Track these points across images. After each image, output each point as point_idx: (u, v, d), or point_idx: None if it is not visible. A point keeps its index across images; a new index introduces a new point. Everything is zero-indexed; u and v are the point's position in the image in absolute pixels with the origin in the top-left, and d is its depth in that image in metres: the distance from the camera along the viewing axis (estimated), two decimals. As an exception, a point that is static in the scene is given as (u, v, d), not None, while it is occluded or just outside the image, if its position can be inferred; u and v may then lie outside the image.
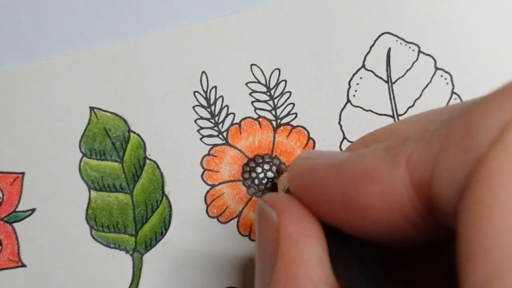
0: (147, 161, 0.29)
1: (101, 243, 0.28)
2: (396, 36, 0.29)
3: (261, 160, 0.29)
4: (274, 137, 0.29)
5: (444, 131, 0.16)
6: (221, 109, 0.29)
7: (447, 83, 0.29)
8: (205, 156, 0.29)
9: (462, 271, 0.14)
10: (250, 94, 0.29)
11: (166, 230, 0.29)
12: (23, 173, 0.29)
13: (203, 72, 0.29)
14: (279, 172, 0.28)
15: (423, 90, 0.29)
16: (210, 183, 0.29)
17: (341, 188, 0.18)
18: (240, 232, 0.29)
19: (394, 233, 0.17)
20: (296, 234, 0.19)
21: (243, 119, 0.29)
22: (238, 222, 0.29)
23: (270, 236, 0.19)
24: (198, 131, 0.29)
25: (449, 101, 0.29)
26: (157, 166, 0.29)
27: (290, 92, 0.29)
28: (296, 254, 0.18)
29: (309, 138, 0.29)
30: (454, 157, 0.15)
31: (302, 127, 0.29)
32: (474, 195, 0.14)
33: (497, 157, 0.14)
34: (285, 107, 0.29)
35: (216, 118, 0.29)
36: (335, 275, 0.18)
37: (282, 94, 0.29)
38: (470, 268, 0.13)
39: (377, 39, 0.29)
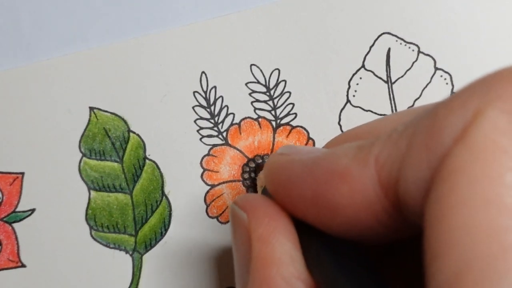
0: (147, 161, 0.29)
1: (101, 243, 0.28)
2: (396, 36, 0.29)
3: (260, 160, 0.29)
4: (273, 137, 0.29)
5: (410, 131, 0.16)
6: (221, 109, 0.29)
7: (446, 83, 0.29)
8: (204, 156, 0.29)
9: (428, 269, 0.14)
10: (249, 94, 0.29)
11: (166, 230, 0.29)
12: (22, 173, 0.29)
13: (203, 72, 0.29)
14: (259, 169, 0.28)
15: (422, 90, 0.29)
16: (210, 183, 0.29)
17: (313, 185, 0.18)
18: (239, 232, 0.29)
19: (365, 231, 0.17)
20: (266, 234, 0.19)
21: (243, 119, 0.29)
22: (237, 222, 0.29)
23: (243, 238, 0.20)
24: (197, 131, 0.29)
25: (449, 101, 0.29)
26: (157, 166, 0.29)
27: (290, 92, 0.29)
28: (267, 254, 0.18)
29: (309, 138, 0.29)
30: (419, 156, 0.15)
31: (301, 127, 0.29)
32: (438, 193, 0.14)
33: (460, 155, 0.14)
34: (285, 107, 0.29)
35: (216, 118, 0.29)
36: (309, 271, 0.18)
37: (281, 94, 0.29)
38: (435, 266, 0.13)
39: (377, 39, 0.29)
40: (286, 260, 0.18)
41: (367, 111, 0.29)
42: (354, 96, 0.29)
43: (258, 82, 0.29)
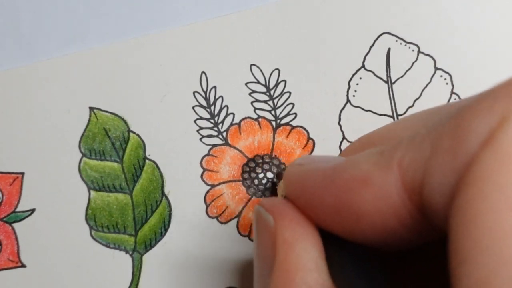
0: (147, 161, 0.29)
1: (100, 243, 0.28)
2: (396, 36, 0.29)
3: (260, 160, 0.29)
4: (273, 137, 0.29)
5: (435, 134, 0.16)
6: (221, 109, 0.29)
7: (446, 83, 0.29)
8: (204, 156, 0.29)
9: (454, 275, 0.14)
10: (249, 94, 0.29)
11: (166, 230, 0.29)
12: (22, 173, 0.29)
13: (203, 72, 0.29)
14: (279, 177, 0.28)
15: (422, 90, 0.29)
16: (209, 183, 0.29)
17: (335, 194, 0.18)
18: (239, 232, 0.29)
19: (389, 236, 0.17)
20: (292, 239, 0.19)
21: (243, 119, 0.29)
22: (237, 222, 0.29)
23: (267, 241, 0.19)
24: (197, 131, 0.29)
25: (448, 101, 0.29)
26: (157, 166, 0.29)
27: (290, 92, 0.29)
28: (293, 259, 0.18)
29: (309, 138, 0.29)
30: (444, 160, 0.15)
31: (301, 127, 0.29)
32: (464, 198, 0.14)
33: (487, 160, 0.14)
34: (285, 107, 0.29)
35: (216, 118, 0.29)
36: (332, 280, 0.18)
37: (281, 94, 0.29)
38: (462, 272, 0.13)
39: (376, 39, 0.29)
40: (311, 267, 0.18)
41: (367, 111, 0.29)
42: (354, 96, 0.29)
43: (258, 82, 0.29)
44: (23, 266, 0.28)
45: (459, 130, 0.15)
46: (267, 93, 0.29)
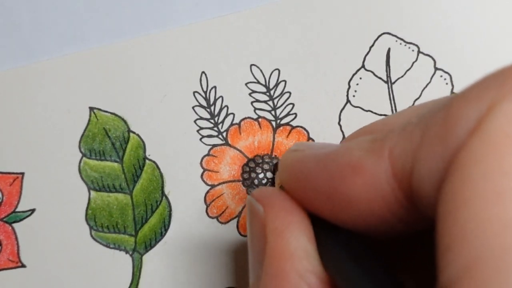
0: (147, 161, 0.29)
1: (100, 243, 0.28)
2: (396, 36, 0.29)
3: (260, 161, 0.29)
4: (273, 137, 0.29)
5: (425, 123, 0.16)
6: (221, 109, 0.29)
7: (446, 83, 0.29)
8: (204, 156, 0.29)
9: (439, 261, 0.14)
10: (249, 94, 0.29)
11: (166, 230, 0.29)
12: (22, 173, 0.29)
13: (203, 72, 0.29)
14: (276, 168, 0.28)
15: (422, 90, 0.29)
16: (209, 183, 0.29)
17: (327, 179, 0.18)
18: (239, 232, 0.29)
19: (379, 223, 0.17)
20: (281, 227, 0.19)
21: (243, 119, 0.29)
22: (237, 222, 0.29)
23: (258, 231, 0.20)
24: (197, 131, 0.29)
25: (448, 101, 0.29)
26: (157, 166, 0.29)
27: (290, 93, 0.29)
28: (282, 247, 0.18)
29: (309, 138, 0.29)
30: (433, 148, 0.15)
31: (301, 127, 0.29)
32: (451, 185, 0.14)
33: (474, 147, 0.14)
34: (285, 107, 0.29)
35: (216, 119, 0.29)
36: (323, 266, 0.18)
37: (281, 94, 0.29)
38: (447, 258, 0.13)
39: (376, 39, 0.29)
40: (300, 254, 0.18)
41: (367, 111, 0.29)
42: (354, 96, 0.29)
43: (258, 82, 0.29)
44: (23, 266, 0.28)
45: (448, 118, 0.15)
46: (267, 93, 0.29)
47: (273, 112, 0.29)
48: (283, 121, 0.29)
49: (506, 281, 0.12)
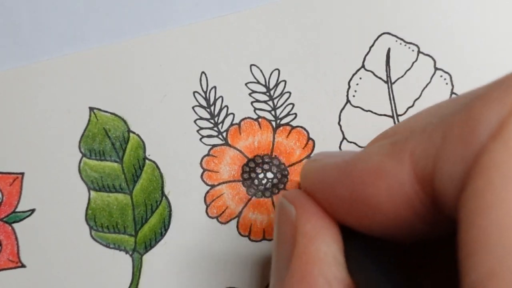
0: (147, 161, 0.29)
1: (100, 243, 0.28)
2: (396, 36, 0.29)
3: (260, 161, 0.29)
4: (273, 138, 0.29)
5: (446, 124, 0.16)
6: (221, 109, 0.29)
7: (446, 83, 0.29)
8: (204, 156, 0.29)
9: (462, 266, 0.14)
10: (249, 94, 0.29)
11: (166, 230, 0.29)
12: (22, 174, 0.29)
13: (203, 72, 0.29)
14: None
15: (422, 90, 0.29)
16: (209, 183, 0.29)
17: (349, 186, 0.18)
18: (239, 233, 0.29)
19: (404, 228, 0.17)
20: (313, 232, 0.19)
21: (243, 119, 0.29)
22: (237, 222, 0.29)
23: (287, 232, 0.20)
24: (197, 131, 0.29)
25: (449, 101, 0.29)
26: (157, 166, 0.29)
27: (290, 93, 0.29)
28: (312, 252, 0.18)
29: (309, 138, 0.29)
30: (454, 150, 0.15)
31: (301, 127, 0.29)
32: (473, 189, 0.14)
33: (496, 151, 0.14)
34: (285, 108, 0.29)
35: (216, 119, 0.29)
36: (349, 274, 0.18)
37: (281, 94, 0.29)
38: (470, 263, 0.13)
39: (376, 39, 0.29)
40: (329, 261, 0.18)
41: (367, 111, 0.29)
42: (354, 96, 0.29)
43: (258, 82, 0.29)
44: (23, 266, 0.28)
45: (469, 120, 0.15)
46: (267, 93, 0.29)
47: (273, 112, 0.29)
48: (283, 121, 0.29)
49: None
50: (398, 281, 0.17)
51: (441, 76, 0.29)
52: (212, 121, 0.29)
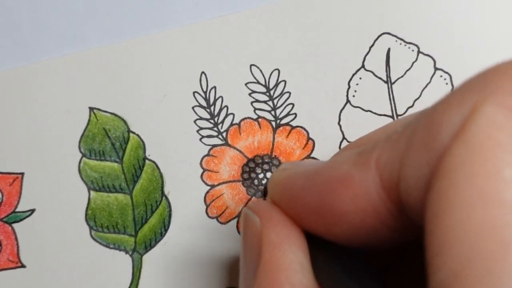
0: (147, 161, 0.29)
1: (100, 243, 0.28)
2: (396, 36, 0.29)
3: (260, 161, 0.29)
4: (273, 138, 0.29)
5: (409, 130, 0.16)
6: (221, 109, 0.29)
7: (446, 83, 0.29)
8: (204, 156, 0.29)
9: (429, 266, 0.14)
10: (249, 94, 0.29)
11: (166, 230, 0.29)
12: (22, 174, 0.29)
13: (203, 72, 0.29)
14: (266, 188, 0.28)
15: (422, 91, 0.29)
16: (209, 183, 0.29)
17: (316, 195, 0.18)
18: (239, 233, 0.29)
19: (371, 236, 0.17)
20: (278, 240, 0.19)
21: (243, 119, 0.29)
22: (237, 222, 0.29)
23: (253, 242, 0.20)
24: (197, 131, 0.29)
25: (449, 101, 0.29)
26: (157, 166, 0.29)
27: (290, 93, 0.29)
28: (278, 260, 0.19)
29: (309, 138, 0.29)
30: (418, 155, 0.15)
31: (301, 127, 0.29)
32: (437, 191, 0.14)
33: (458, 151, 0.14)
34: (285, 108, 0.29)
35: (216, 119, 0.29)
36: (317, 281, 0.18)
37: (281, 94, 0.29)
38: (436, 264, 0.13)
39: (376, 39, 0.29)
40: (296, 267, 0.18)
41: (367, 111, 0.29)
42: (354, 96, 0.29)
43: (258, 82, 0.29)
44: (23, 266, 0.28)
45: (431, 124, 0.15)
46: (267, 93, 0.29)
47: (273, 112, 0.29)
48: (283, 121, 0.29)
49: (494, 284, 0.12)
50: (367, 285, 0.17)
51: (441, 76, 0.29)
52: (212, 121, 0.29)
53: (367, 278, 0.18)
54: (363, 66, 0.29)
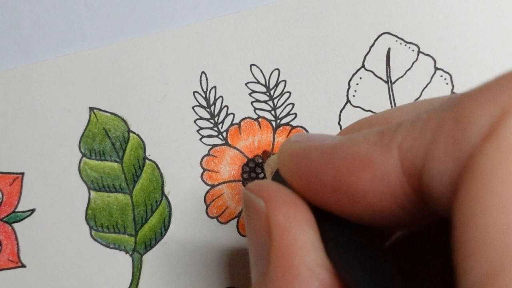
0: (147, 161, 0.29)
1: (100, 243, 0.28)
2: (396, 36, 0.29)
3: (260, 161, 0.29)
4: (273, 137, 0.29)
5: (436, 121, 0.16)
6: (221, 109, 0.29)
7: (446, 83, 0.29)
8: (204, 156, 0.29)
9: (459, 268, 0.14)
10: (249, 94, 0.29)
11: (166, 230, 0.29)
12: (22, 174, 0.29)
13: (203, 72, 0.29)
14: (266, 155, 0.28)
15: (422, 90, 0.29)
16: (209, 183, 0.29)
17: (333, 172, 0.18)
18: (239, 232, 0.29)
19: (386, 217, 0.17)
20: (286, 222, 0.19)
21: (243, 119, 0.29)
22: (237, 222, 0.29)
23: (260, 226, 0.19)
24: (197, 131, 0.29)
25: (449, 101, 0.29)
26: (157, 166, 0.29)
27: (290, 92, 0.29)
28: (289, 242, 0.18)
29: (309, 138, 0.29)
30: (445, 149, 0.15)
31: (301, 127, 0.29)
32: (468, 192, 0.14)
33: (490, 153, 0.14)
34: (285, 107, 0.29)
35: (216, 119, 0.29)
36: (328, 257, 0.18)
37: (281, 94, 0.29)
38: (468, 265, 0.13)
39: (376, 39, 0.29)
40: (308, 248, 0.18)
41: (367, 111, 0.29)
42: (354, 96, 0.29)
43: (258, 82, 0.29)
44: (23, 266, 0.28)
45: (460, 119, 0.15)
46: (267, 93, 0.29)
47: (273, 112, 0.29)
48: (283, 121, 0.29)
49: None
50: (379, 263, 0.17)
51: (441, 76, 0.29)
52: (212, 121, 0.29)
53: (378, 255, 0.18)
54: (363, 66, 0.29)
